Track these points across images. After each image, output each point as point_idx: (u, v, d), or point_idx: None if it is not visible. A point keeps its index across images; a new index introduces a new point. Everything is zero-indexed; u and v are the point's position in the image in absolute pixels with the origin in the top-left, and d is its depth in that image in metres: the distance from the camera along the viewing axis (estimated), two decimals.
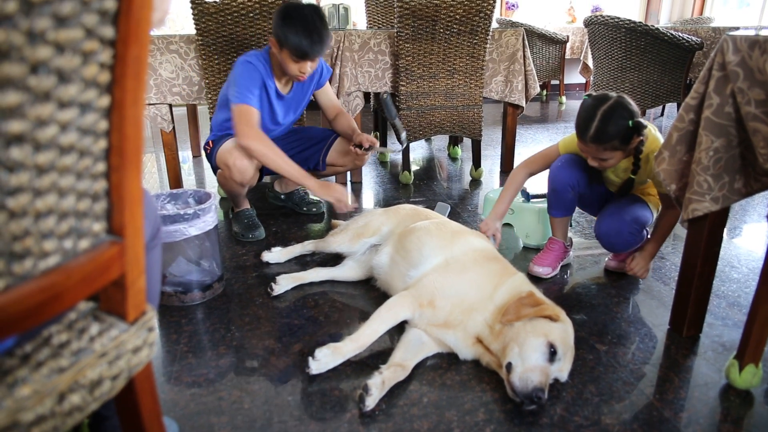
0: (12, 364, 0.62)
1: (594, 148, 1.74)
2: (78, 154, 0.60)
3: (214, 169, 2.37)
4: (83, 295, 0.65)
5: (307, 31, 2.05)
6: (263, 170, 2.40)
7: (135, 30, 0.61)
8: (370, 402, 1.30)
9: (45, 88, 0.52)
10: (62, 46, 0.53)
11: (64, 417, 0.64)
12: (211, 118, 2.75)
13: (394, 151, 2.56)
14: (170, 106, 2.84)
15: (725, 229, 1.52)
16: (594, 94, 1.77)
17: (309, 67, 2.16)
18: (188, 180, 3.33)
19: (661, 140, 1.81)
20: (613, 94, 1.74)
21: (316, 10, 2.11)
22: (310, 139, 2.57)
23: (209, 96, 2.74)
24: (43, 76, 0.52)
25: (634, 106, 1.73)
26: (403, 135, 2.54)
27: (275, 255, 2.13)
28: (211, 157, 2.35)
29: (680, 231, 2.47)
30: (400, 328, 1.57)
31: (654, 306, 1.82)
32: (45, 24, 0.50)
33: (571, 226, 2.22)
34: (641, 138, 1.73)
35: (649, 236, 1.96)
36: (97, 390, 0.68)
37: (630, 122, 1.68)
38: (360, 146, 2.42)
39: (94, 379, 0.67)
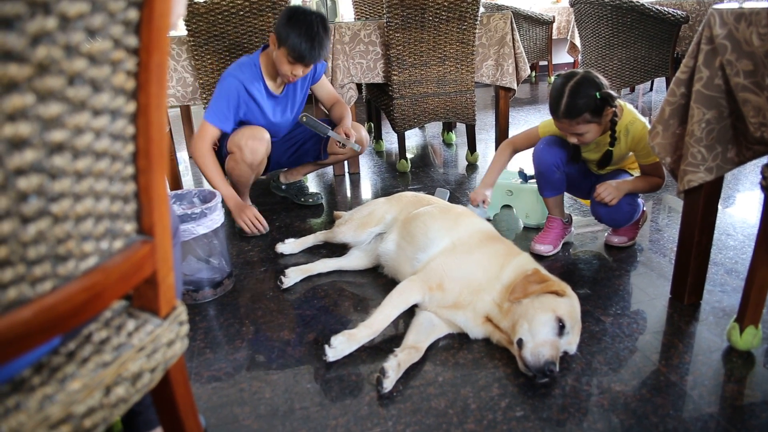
0: (60, 362, 0.66)
1: (567, 123, 1.79)
2: (110, 159, 0.63)
3: (222, 161, 2.40)
4: (121, 292, 0.69)
5: (308, 36, 2.10)
6: (270, 162, 2.48)
7: (156, 38, 0.64)
8: (388, 384, 1.35)
9: (81, 98, 0.55)
10: (94, 58, 0.56)
11: (112, 408, 0.68)
12: None
13: (352, 147, 2.50)
14: None
15: (719, 199, 1.56)
16: (562, 73, 1.82)
17: (301, 71, 2.23)
18: (185, 180, 3.35)
19: (635, 113, 1.86)
20: (580, 70, 1.79)
21: (322, 19, 2.16)
22: (308, 132, 2.60)
23: (203, 96, 2.75)
24: (80, 87, 0.55)
25: (602, 79, 1.77)
26: (352, 140, 2.47)
27: (289, 246, 2.18)
28: (221, 149, 2.39)
29: (676, 204, 2.52)
30: (410, 312, 1.61)
31: (654, 277, 1.86)
32: (79, 37, 0.53)
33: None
34: (614, 109, 1.77)
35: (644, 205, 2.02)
36: (138, 382, 0.72)
37: (597, 93, 1.72)
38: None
39: (135, 372, 0.71)
